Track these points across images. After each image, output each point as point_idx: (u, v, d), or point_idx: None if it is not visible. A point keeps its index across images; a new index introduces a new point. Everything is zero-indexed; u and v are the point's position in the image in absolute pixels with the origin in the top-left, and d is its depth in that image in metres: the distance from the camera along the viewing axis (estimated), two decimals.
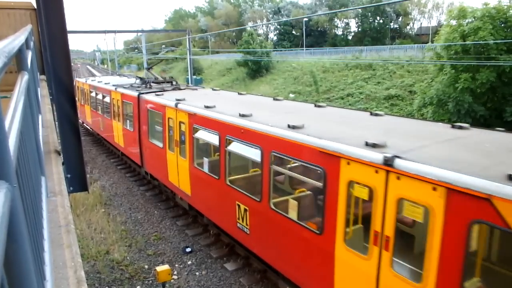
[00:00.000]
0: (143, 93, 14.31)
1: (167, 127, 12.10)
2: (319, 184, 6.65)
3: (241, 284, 9.52)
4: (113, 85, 17.96)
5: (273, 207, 7.85)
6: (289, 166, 8.50)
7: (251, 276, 9.79)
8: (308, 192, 8.47)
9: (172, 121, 11.68)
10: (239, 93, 13.83)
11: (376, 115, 8.85)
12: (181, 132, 11.26)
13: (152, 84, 16.29)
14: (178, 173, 11.73)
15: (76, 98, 27.04)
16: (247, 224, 8.71)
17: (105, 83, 19.43)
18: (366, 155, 5.61)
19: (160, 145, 12.84)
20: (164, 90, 14.69)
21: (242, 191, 8.81)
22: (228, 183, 9.27)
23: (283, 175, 9.39)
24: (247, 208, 8.61)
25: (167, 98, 12.48)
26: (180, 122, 11.18)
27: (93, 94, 21.61)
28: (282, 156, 7.59)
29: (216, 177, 9.68)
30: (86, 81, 24.28)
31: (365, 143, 5.89)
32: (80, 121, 26.93)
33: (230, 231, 9.74)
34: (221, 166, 9.41)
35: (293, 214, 7.58)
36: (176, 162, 11.65)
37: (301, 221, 7.27)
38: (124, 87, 16.55)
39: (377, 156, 5.46)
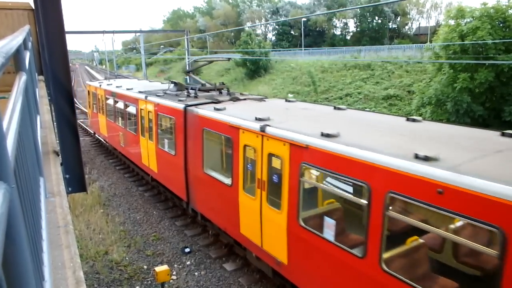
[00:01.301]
0: (191, 106, 10.92)
1: (243, 159, 8.59)
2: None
3: (240, 284, 9.52)
4: (141, 92, 14.46)
5: None
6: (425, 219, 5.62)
7: (250, 276, 9.79)
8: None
9: (254, 152, 8.22)
10: (335, 107, 9.85)
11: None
12: (272, 169, 7.80)
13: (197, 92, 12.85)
14: (264, 229, 8.11)
15: (87, 104, 24.27)
16: None
17: (128, 89, 15.95)
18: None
19: (227, 181, 9.26)
20: (219, 102, 11.10)
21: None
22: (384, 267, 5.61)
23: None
24: None
25: (237, 115, 9.03)
26: (272, 156, 7.69)
27: (110, 102, 18.13)
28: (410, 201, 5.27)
29: (360, 256, 6.02)
30: (100, 85, 20.24)
31: None
32: (92, 131, 24.87)
33: None
34: (372, 236, 5.76)
35: None
36: (260, 211, 8.06)
37: None
38: (159, 96, 13.17)
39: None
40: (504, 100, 21.22)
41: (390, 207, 5.49)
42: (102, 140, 22.47)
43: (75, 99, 12.73)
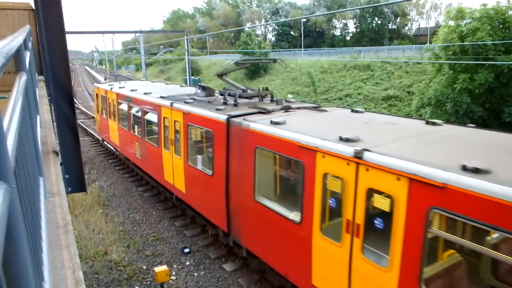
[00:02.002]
0: (236, 117, 8.93)
1: (321, 192, 6.57)
2: None
3: (240, 284, 9.52)
4: (163, 98, 12.57)
5: None
6: None
7: (249, 276, 9.79)
8: None
9: (341, 184, 6.17)
10: (427, 122, 7.89)
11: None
12: (373, 210, 5.92)
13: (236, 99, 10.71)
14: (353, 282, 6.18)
15: (95, 109, 22.56)
16: None
17: (146, 93, 14.07)
18: None
19: (293, 217, 7.27)
20: (269, 111, 9.15)
21: None
22: None
23: None
24: None
25: (305, 132, 7.06)
26: (374, 192, 5.74)
27: (123, 107, 16.23)
28: None
29: None
30: (111, 88, 17.86)
31: None
32: (100, 138, 22.82)
33: None
34: None
35: None
36: (349, 263, 6.16)
37: None
38: (188, 103, 11.18)
39: None
40: (504, 101, 21.23)
41: None
42: (113, 148, 20.34)
43: (75, 99, 12.13)
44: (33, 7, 7.69)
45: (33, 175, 2.47)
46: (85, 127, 27.66)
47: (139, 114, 14.23)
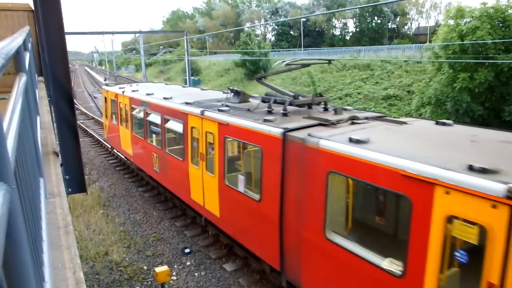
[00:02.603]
0: (294, 131, 7.31)
1: (441, 239, 4.87)
2: None
3: (240, 284, 9.52)
4: (189, 104, 10.93)
5: None
6: None
7: (250, 276, 9.79)
8: None
9: (478, 232, 4.52)
10: None
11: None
12: None
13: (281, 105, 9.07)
14: None
15: (103, 114, 20.83)
16: None
17: (166, 98, 12.45)
18: None
19: (394, 269, 5.46)
20: (334, 124, 7.43)
21: None
22: None
23: None
24: None
25: (401, 154, 5.42)
26: None
27: (138, 113, 14.56)
28: None
29: None
30: (123, 92, 16.07)
31: None
32: (109, 146, 20.88)
33: None
34: None
35: None
36: None
37: None
38: (222, 111, 9.44)
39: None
40: (504, 99, 21.22)
41: None
42: (123, 157, 18.62)
43: (74, 100, 11.58)
44: (33, 8, 7.69)
45: (33, 176, 2.47)
46: (85, 128, 27.66)
47: (159, 121, 12.60)
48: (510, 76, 20.63)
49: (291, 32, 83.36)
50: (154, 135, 13.74)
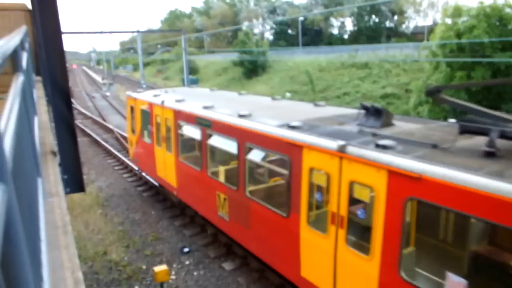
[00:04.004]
0: None
1: None
2: None
3: (239, 283, 9.53)
4: (297, 129, 7.42)
5: None
6: None
7: (249, 275, 9.80)
8: None
9: None
10: None
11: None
12: None
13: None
14: None
15: (127, 126, 16.58)
16: None
17: (242, 116, 8.88)
18: None
19: None
20: None
21: None
22: None
23: None
24: None
25: None
26: None
27: (189, 133, 11.17)
28: None
29: None
30: (162, 102, 12.33)
31: None
32: (135, 167, 16.78)
33: None
34: None
35: None
36: None
37: None
38: (385, 147, 5.81)
39: None
40: (501, 98, 21.28)
41: None
42: (156, 183, 15.02)
43: (72, 100, 10.40)
44: (30, 8, 7.67)
45: (31, 176, 2.47)
46: (83, 128, 27.62)
47: (233, 150, 9.03)
48: (507, 75, 20.69)
49: (289, 31, 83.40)
50: (222, 168, 9.91)
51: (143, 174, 16.13)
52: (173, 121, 11.68)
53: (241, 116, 8.91)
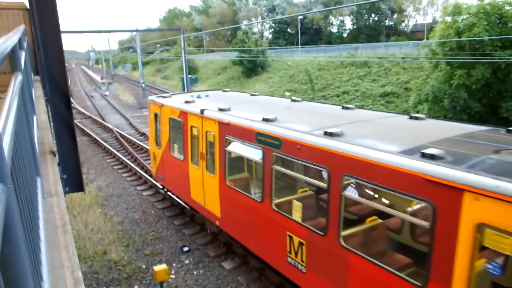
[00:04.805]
0: None
1: None
2: None
3: (239, 282, 9.53)
4: (445, 161, 5.09)
5: None
6: None
7: (248, 274, 9.80)
8: None
9: None
10: None
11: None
12: None
13: None
14: None
15: (150, 135, 14.17)
16: None
17: (329, 134, 6.73)
18: None
19: None
20: None
21: None
22: None
23: None
24: None
25: None
26: None
27: (244, 152, 9.04)
28: None
29: None
30: (202, 110, 10.04)
31: None
32: (159, 183, 14.24)
33: None
34: None
35: None
36: None
37: None
38: None
39: None
40: (501, 96, 21.27)
41: None
42: (185, 205, 12.97)
43: (71, 99, 9.83)
44: (28, 7, 7.65)
45: (30, 176, 2.46)
46: (82, 127, 27.61)
47: (323, 183, 6.95)
48: (507, 73, 20.68)
49: (288, 30, 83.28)
50: (298, 204, 7.56)
51: (169, 193, 13.98)
52: (218, 136, 9.36)
53: (329, 134, 6.67)
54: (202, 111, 10.02)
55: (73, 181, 5.23)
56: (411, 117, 8.14)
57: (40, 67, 7.04)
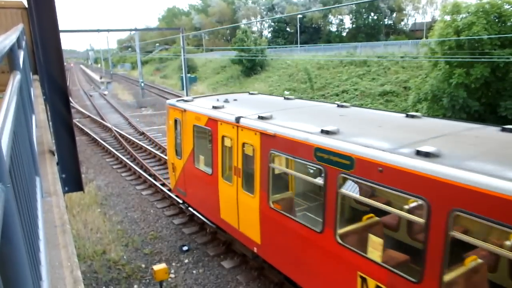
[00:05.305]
0: None
1: None
2: None
3: (238, 281, 9.53)
4: None
5: None
6: None
7: (248, 273, 9.80)
8: None
9: None
10: None
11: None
12: None
13: None
14: None
15: (169, 147, 12.20)
16: None
17: (428, 156, 5.17)
18: None
19: None
20: None
21: None
22: None
23: None
24: None
25: None
26: None
27: (297, 170, 8.22)
28: None
29: None
30: (237, 119, 8.60)
31: None
32: (178, 198, 12.81)
33: None
34: None
35: None
36: None
37: None
38: None
39: None
40: (500, 95, 21.29)
41: None
42: (207, 221, 11.63)
43: (70, 99, 9.32)
44: (26, 6, 7.63)
45: (29, 175, 2.46)
46: (81, 126, 27.58)
47: (420, 218, 5.32)
48: (506, 72, 20.70)
49: (288, 29, 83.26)
50: (376, 239, 6.07)
51: (190, 208, 12.56)
52: (260, 149, 7.97)
53: (425, 155, 5.23)
54: (237, 119, 8.55)
55: (72, 180, 5.22)
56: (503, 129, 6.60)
57: (39, 66, 7.02)
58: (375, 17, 75.34)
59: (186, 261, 10.56)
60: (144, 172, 17.19)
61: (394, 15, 77.36)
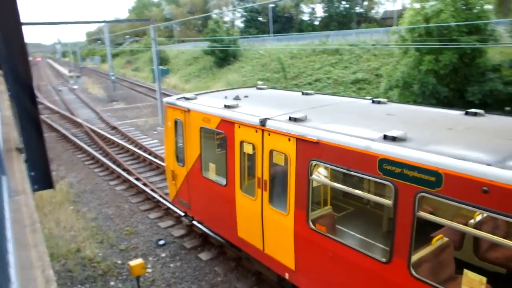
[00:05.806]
0: None
1: None
2: None
3: (216, 273, 9.55)
4: None
5: None
6: None
7: (226, 264, 9.84)
8: None
9: None
10: None
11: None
12: None
13: None
14: None
15: (167, 151, 10.80)
16: None
17: None
18: None
19: None
20: None
21: None
22: None
23: None
24: None
25: None
26: None
27: (350, 185, 6.62)
28: None
29: None
30: (262, 121, 7.13)
31: None
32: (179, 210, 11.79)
33: None
34: None
35: None
36: None
37: None
38: None
39: None
40: (468, 81, 21.86)
41: None
42: (218, 237, 10.47)
43: (37, 94, 9.05)
44: None
45: None
46: (50, 123, 26.86)
47: None
48: (473, 58, 21.25)
49: (260, 19, 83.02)
50: (476, 278, 4.79)
51: (195, 222, 11.16)
52: (296, 158, 6.59)
53: None
54: (263, 121, 7.13)
55: (42, 178, 5.07)
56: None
57: (2, 61, 6.77)
58: (347, 6, 75.91)
59: (163, 255, 10.50)
60: (118, 167, 16.92)
61: (366, 3, 78.18)
